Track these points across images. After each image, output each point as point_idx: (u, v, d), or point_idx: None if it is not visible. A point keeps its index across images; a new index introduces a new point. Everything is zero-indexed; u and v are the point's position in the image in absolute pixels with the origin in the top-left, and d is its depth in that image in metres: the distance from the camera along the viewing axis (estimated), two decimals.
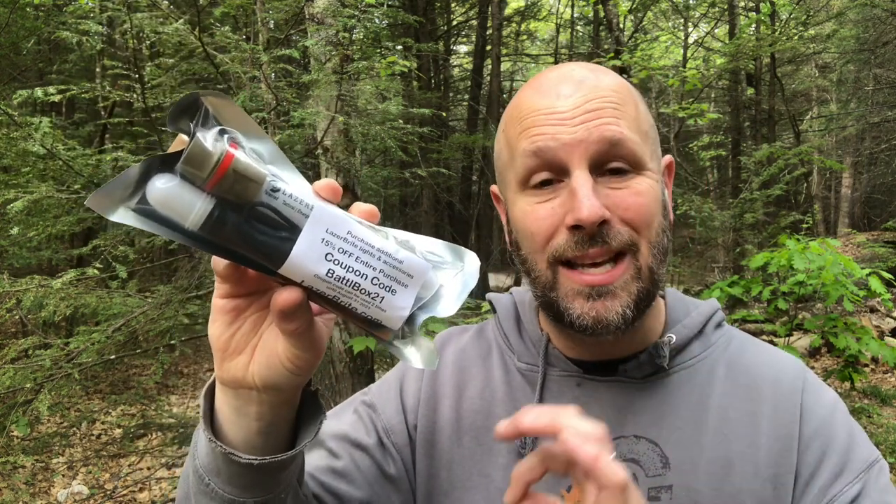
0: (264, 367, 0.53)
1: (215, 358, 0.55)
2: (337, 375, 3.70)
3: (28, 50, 7.45)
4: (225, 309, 0.54)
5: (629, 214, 0.67)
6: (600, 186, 0.67)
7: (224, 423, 0.58)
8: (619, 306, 0.67)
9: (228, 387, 0.56)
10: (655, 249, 0.69)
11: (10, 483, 4.24)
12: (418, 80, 9.87)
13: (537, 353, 0.79)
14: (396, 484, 0.78)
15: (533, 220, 0.70)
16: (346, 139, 3.59)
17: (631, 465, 0.71)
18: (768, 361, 0.78)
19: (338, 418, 0.83)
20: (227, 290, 0.53)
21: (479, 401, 0.79)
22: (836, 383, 5.81)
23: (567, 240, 0.67)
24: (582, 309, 0.67)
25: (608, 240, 0.66)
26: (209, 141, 0.45)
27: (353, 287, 0.49)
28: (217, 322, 0.54)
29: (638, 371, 0.74)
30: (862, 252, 10.67)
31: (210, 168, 0.45)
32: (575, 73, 0.71)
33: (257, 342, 0.54)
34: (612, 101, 0.69)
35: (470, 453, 0.77)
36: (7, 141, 2.72)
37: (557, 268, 0.69)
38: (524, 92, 0.74)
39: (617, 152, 0.67)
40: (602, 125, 0.67)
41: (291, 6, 3.88)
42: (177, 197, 0.45)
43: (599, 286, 0.67)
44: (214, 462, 0.57)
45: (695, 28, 16.45)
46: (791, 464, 0.70)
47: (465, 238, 13.40)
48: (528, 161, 0.69)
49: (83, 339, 2.95)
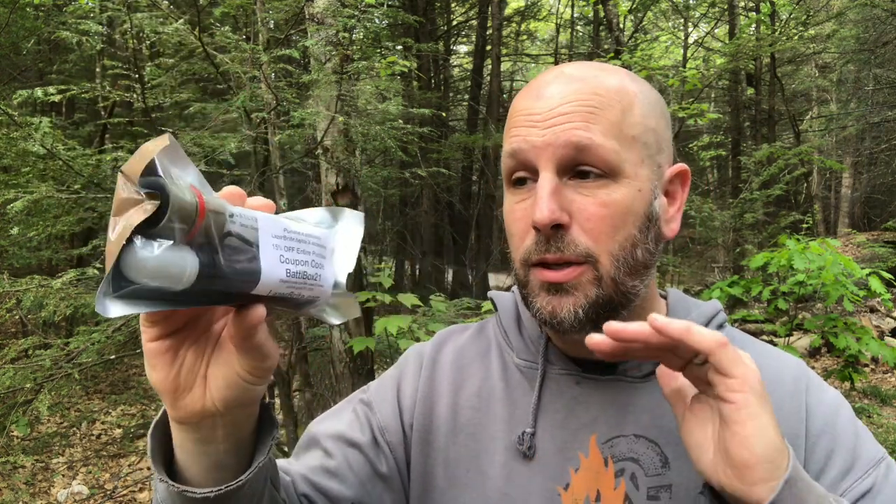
0: (223, 388, 0.53)
1: (166, 401, 0.54)
2: (337, 375, 3.70)
3: (28, 50, 7.45)
4: (161, 350, 0.51)
5: (590, 225, 0.67)
6: (568, 190, 0.67)
7: (188, 460, 0.57)
8: (571, 305, 0.67)
9: (188, 423, 0.54)
10: (619, 262, 0.68)
11: (10, 483, 4.24)
12: (418, 80, 9.87)
13: (536, 350, 0.79)
14: (388, 483, 0.78)
15: (512, 221, 0.72)
16: (346, 139, 3.59)
17: (630, 464, 0.71)
18: (770, 362, 0.78)
19: (337, 417, 0.83)
20: (158, 332, 0.51)
21: (477, 398, 0.79)
22: (836, 383, 5.81)
23: (532, 241, 0.68)
24: (541, 303, 0.69)
25: (562, 248, 0.66)
26: (181, 190, 0.42)
27: (303, 277, 0.51)
28: (157, 366, 0.52)
29: (637, 370, 0.75)
30: (862, 252, 10.68)
31: (193, 217, 0.42)
32: (566, 73, 0.71)
33: (205, 370, 0.53)
34: (591, 104, 0.67)
35: (466, 451, 0.77)
36: (7, 141, 2.72)
37: (528, 267, 0.70)
38: (521, 92, 0.74)
39: (584, 158, 0.67)
40: (569, 129, 0.66)
41: (291, 6, 3.88)
42: (170, 260, 0.41)
43: (555, 283, 0.68)
44: (171, 499, 0.57)
45: (695, 28, 16.46)
46: (800, 459, 0.70)
47: (465, 238, 13.40)
48: (508, 161, 0.71)
49: (83, 339, 2.95)
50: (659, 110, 0.73)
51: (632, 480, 0.71)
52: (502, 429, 0.76)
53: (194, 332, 0.53)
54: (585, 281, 0.67)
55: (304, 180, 6.15)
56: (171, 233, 0.42)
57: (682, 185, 0.75)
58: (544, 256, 0.67)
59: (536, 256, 0.68)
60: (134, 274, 0.41)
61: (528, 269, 0.70)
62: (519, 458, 0.74)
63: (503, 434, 0.76)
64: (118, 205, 0.42)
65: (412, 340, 3.05)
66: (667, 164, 0.73)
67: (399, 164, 8.72)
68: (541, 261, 0.68)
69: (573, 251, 0.66)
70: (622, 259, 0.68)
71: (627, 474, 0.71)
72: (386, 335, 3.41)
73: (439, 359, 0.85)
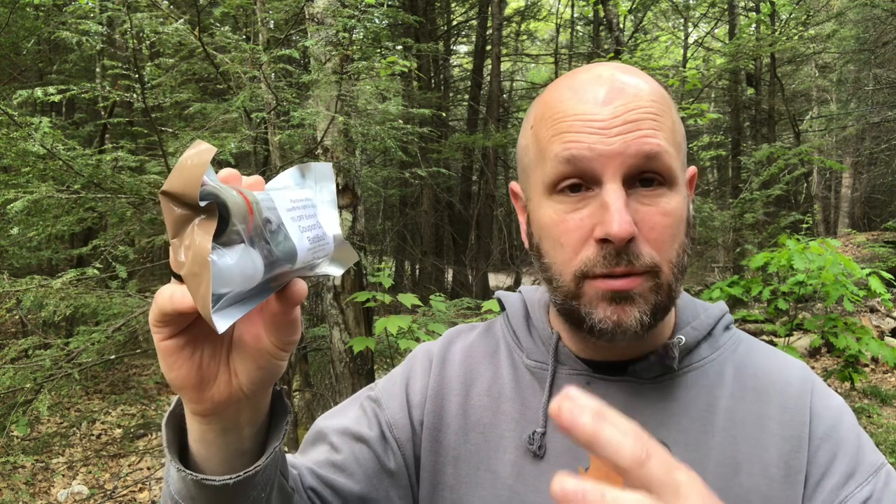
0: (253, 370, 0.53)
1: (188, 396, 0.53)
2: (337, 375, 3.70)
3: (28, 50, 7.46)
4: (178, 348, 0.50)
5: (654, 234, 0.66)
6: (631, 200, 0.66)
7: (207, 450, 0.57)
8: (637, 312, 0.67)
9: (213, 413, 0.54)
10: (676, 269, 0.69)
11: (10, 483, 4.24)
12: (418, 80, 9.87)
13: (547, 350, 0.79)
14: (395, 479, 0.78)
15: (563, 231, 0.68)
16: (346, 139, 3.59)
17: None
18: (776, 365, 0.78)
19: (343, 414, 0.84)
20: (171, 331, 0.50)
21: (487, 397, 0.79)
22: (836, 383, 5.81)
23: (595, 254, 0.66)
24: (605, 313, 0.67)
25: (633, 259, 0.66)
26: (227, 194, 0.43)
27: (319, 240, 0.52)
28: (176, 364, 0.51)
29: (647, 372, 0.75)
30: (862, 252, 10.68)
31: (247, 214, 0.43)
32: (616, 77, 0.69)
33: (227, 356, 0.53)
34: (652, 111, 0.67)
35: (476, 449, 0.77)
36: (7, 141, 2.72)
37: (584, 280, 0.68)
38: (559, 91, 0.71)
39: (652, 166, 0.66)
40: (640, 138, 0.65)
41: (291, 6, 3.88)
42: (246, 260, 0.43)
43: (622, 291, 0.66)
44: (187, 489, 0.56)
45: (695, 28, 16.45)
46: (801, 465, 0.70)
47: (465, 238, 13.40)
48: (561, 167, 0.68)
49: (83, 339, 2.95)
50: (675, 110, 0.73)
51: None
52: (513, 428, 0.76)
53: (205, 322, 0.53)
54: (647, 289, 0.67)
55: None
56: (238, 236, 0.43)
57: (691, 186, 0.76)
58: (613, 270, 0.66)
59: (603, 270, 0.66)
60: (222, 286, 0.42)
61: (583, 281, 0.68)
62: (529, 457, 0.74)
63: (513, 433, 0.76)
64: (173, 226, 0.42)
65: (412, 340, 3.05)
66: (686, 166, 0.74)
67: (399, 164, 8.72)
68: (608, 274, 0.66)
69: (641, 263, 0.66)
70: (677, 265, 0.69)
71: None
72: (386, 335, 3.41)
73: (449, 357, 0.85)
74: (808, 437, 0.71)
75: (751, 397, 0.74)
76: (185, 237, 0.42)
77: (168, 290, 0.47)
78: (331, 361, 3.78)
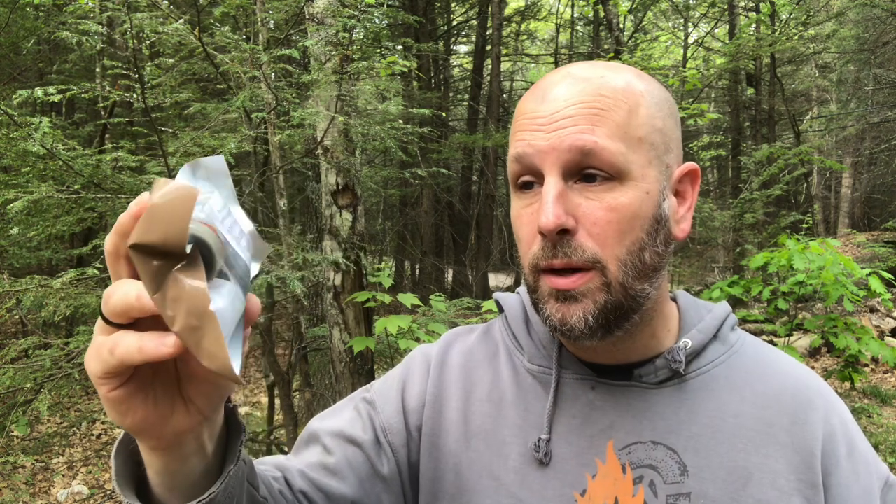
0: (212, 391, 0.50)
1: (146, 436, 0.50)
2: (337, 375, 3.70)
3: (28, 50, 7.46)
4: (127, 395, 0.46)
5: (596, 229, 0.66)
6: (574, 194, 0.66)
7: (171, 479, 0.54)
8: (580, 311, 0.66)
9: (172, 446, 0.51)
10: (627, 267, 0.67)
11: (10, 483, 4.24)
12: (418, 80, 9.87)
13: (548, 354, 0.78)
14: (388, 484, 0.77)
15: (520, 226, 0.70)
16: (346, 139, 3.59)
17: (649, 471, 0.70)
18: (784, 370, 0.77)
19: (337, 415, 0.82)
20: (118, 381, 0.46)
21: (488, 403, 0.78)
22: (836, 383, 5.81)
23: (539, 247, 0.67)
24: (551, 310, 0.68)
25: (569, 253, 0.65)
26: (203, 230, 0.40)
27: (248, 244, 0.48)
28: (130, 410, 0.47)
29: (653, 376, 0.73)
30: (862, 252, 10.68)
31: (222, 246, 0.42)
32: (572, 73, 0.69)
33: (179, 387, 0.51)
34: (595, 106, 0.66)
35: (478, 456, 0.76)
36: (7, 141, 2.72)
37: (538, 273, 0.69)
38: (528, 92, 0.73)
39: (589, 161, 0.65)
40: (575, 133, 0.65)
41: (291, 6, 3.88)
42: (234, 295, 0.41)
43: (564, 290, 0.67)
44: None
45: (695, 28, 16.45)
46: (814, 481, 0.70)
47: (465, 238, 13.40)
48: (513, 166, 0.70)
49: (83, 339, 2.95)
50: (667, 109, 0.71)
51: (650, 488, 0.70)
52: (516, 434, 0.75)
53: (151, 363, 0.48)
54: (594, 287, 0.66)
55: (304, 180, 6.15)
56: (223, 273, 0.41)
57: (692, 184, 0.74)
58: (552, 262, 0.66)
59: (544, 262, 0.67)
60: (226, 330, 0.40)
61: (538, 276, 0.69)
62: (534, 465, 0.73)
63: (517, 439, 0.75)
64: (152, 280, 0.38)
65: (412, 340, 3.05)
66: (675, 163, 0.72)
67: (399, 164, 8.72)
68: (549, 267, 0.67)
69: (580, 257, 0.65)
70: (630, 263, 0.67)
71: (646, 481, 0.70)
72: (386, 335, 3.41)
73: (447, 361, 0.83)
74: (820, 454, 0.71)
75: (761, 403, 0.73)
76: (168, 290, 0.38)
77: (128, 340, 0.42)
78: (331, 361, 3.78)
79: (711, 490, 0.69)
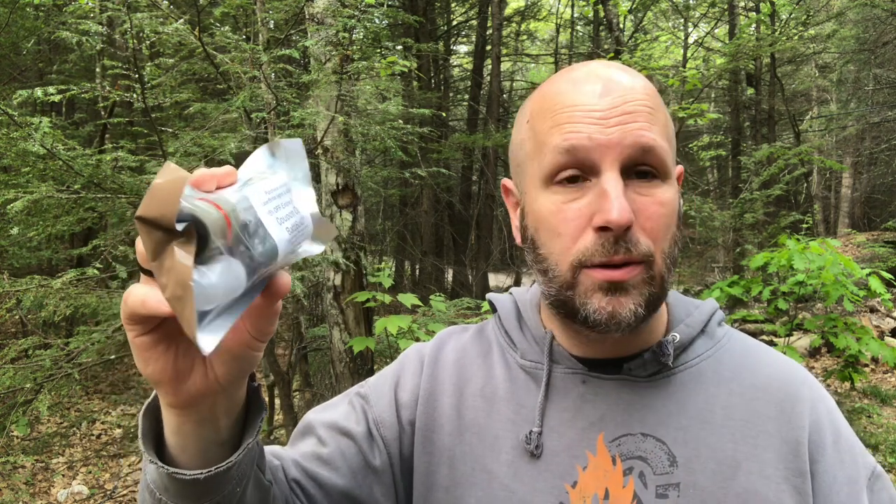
0: (229, 361, 0.53)
1: (164, 390, 0.53)
2: (337, 375, 3.70)
3: (28, 50, 7.46)
4: (152, 343, 0.50)
5: (650, 224, 0.67)
6: (628, 190, 0.67)
7: (183, 442, 0.57)
8: (632, 304, 0.67)
9: (189, 405, 0.54)
10: (668, 259, 0.70)
11: (10, 483, 4.24)
12: (418, 80, 9.87)
13: (541, 350, 0.79)
14: (379, 476, 0.78)
15: (561, 221, 0.69)
16: (346, 139, 3.59)
17: (639, 462, 0.71)
18: (771, 362, 0.79)
19: (332, 409, 0.84)
20: (143, 328, 0.50)
21: (481, 398, 0.79)
22: (836, 383, 5.81)
23: (594, 242, 0.67)
24: (599, 304, 0.67)
25: (631, 247, 0.66)
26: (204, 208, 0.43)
27: (297, 227, 0.51)
28: (151, 359, 0.51)
29: (643, 370, 0.75)
30: (862, 252, 10.68)
31: (225, 228, 0.44)
32: (611, 72, 0.71)
33: None
34: (647, 105, 0.68)
35: (471, 449, 0.77)
36: (7, 141, 2.72)
37: (580, 270, 0.69)
38: (557, 85, 0.72)
39: (648, 159, 0.67)
40: (637, 129, 0.66)
41: (291, 6, 3.88)
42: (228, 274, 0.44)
43: (618, 282, 0.67)
44: (161, 480, 0.57)
45: (695, 28, 16.45)
46: (802, 470, 0.71)
47: (465, 238, 13.40)
48: (560, 158, 0.68)
49: (83, 339, 2.95)
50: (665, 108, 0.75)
51: (640, 479, 0.71)
52: (508, 428, 0.76)
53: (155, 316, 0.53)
54: (641, 280, 0.68)
55: None
56: (218, 252, 0.44)
57: (678, 184, 0.77)
58: (612, 258, 0.66)
59: (601, 258, 0.67)
60: (206, 304, 0.43)
61: (579, 271, 0.69)
62: (526, 457, 0.74)
63: (509, 433, 0.76)
64: (153, 250, 0.43)
65: (412, 340, 3.05)
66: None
67: (399, 164, 8.72)
68: (607, 262, 0.67)
69: (638, 251, 0.66)
70: (669, 256, 0.70)
71: (636, 473, 0.71)
72: (386, 335, 3.41)
73: (441, 357, 0.85)
74: (807, 443, 0.72)
75: (748, 395, 0.75)
76: (164, 259, 0.43)
77: (140, 292, 0.47)
78: (331, 361, 3.78)
79: (700, 480, 0.70)
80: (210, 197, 0.45)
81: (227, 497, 0.59)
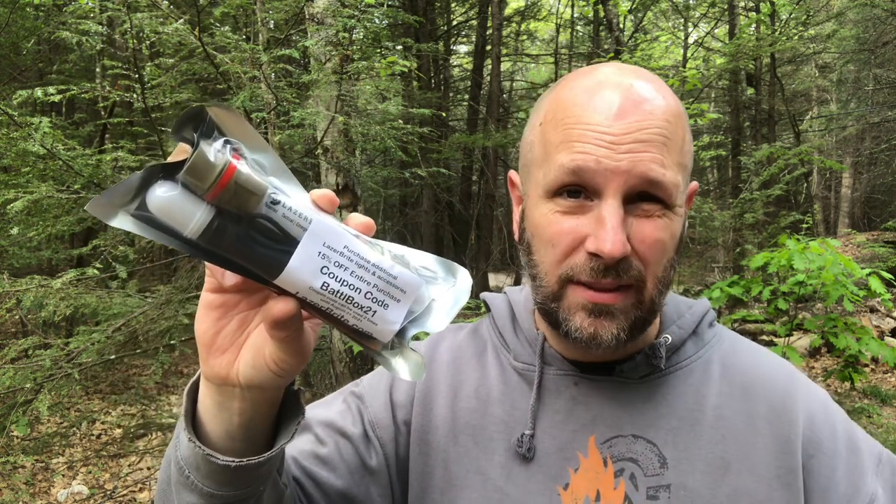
0: (250, 366, 0.54)
1: (200, 353, 0.55)
2: (337, 375, 3.70)
3: (28, 50, 7.45)
4: (214, 304, 0.54)
5: (643, 248, 0.67)
6: (627, 215, 0.66)
7: (206, 417, 0.58)
8: (615, 328, 0.67)
9: (212, 382, 0.56)
10: (660, 284, 0.69)
11: (10, 483, 4.24)
12: (418, 80, 9.87)
13: (534, 352, 0.79)
14: (376, 477, 0.78)
15: (556, 233, 0.68)
16: (346, 139, 3.59)
17: (629, 464, 0.72)
18: (761, 362, 0.79)
19: (327, 406, 0.84)
20: (217, 284, 0.53)
21: (475, 400, 0.79)
22: (836, 383, 5.81)
23: (584, 263, 0.66)
24: (581, 323, 0.68)
25: (621, 272, 0.66)
26: (212, 152, 0.46)
27: (347, 300, 0.50)
28: (205, 318, 0.54)
29: (634, 372, 0.75)
30: (862, 252, 10.67)
31: (212, 179, 0.46)
32: (635, 88, 0.67)
33: (244, 341, 0.54)
34: (665, 133, 0.66)
35: (466, 451, 0.77)
36: (7, 141, 2.72)
37: (567, 285, 0.69)
38: (574, 93, 0.70)
39: (653, 191, 0.66)
40: (648, 161, 0.64)
41: (291, 6, 3.88)
42: (177, 206, 0.46)
43: (602, 304, 0.67)
44: (194, 458, 0.58)
45: (695, 28, 16.45)
46: (794, 466, 0.71)
47: (465, 238, 13.40)
48: (565, 177, 0.67)
49: (83, 339, 2.95)
50: (688, 127, 0.72)
51: (631, 480, 0.71)
52: (502, 430, 0.76)
53: (249, 300, 0.54)
54: (629, 304, 0.68)
55: (304, 180, 6.16)
56: (189, 185, 0.46)
57: (689, 202, 0.76)
58: (600, 281, 0.66)
59: (588, 278, 0.66)
60: (147, 203, 0.46)
61: (566, 285, 0.68)
62: (518, 460, 0.74)
63: (502, 435, 0.76)
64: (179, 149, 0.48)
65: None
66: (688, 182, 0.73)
67: (399, 164, 8.72)
68: (595, 285, 0.67)
69: (630, 276, 0.66)
70: (662, 280, 0.69)
71: (627, 474, 0.71)
72: None
73: (435, 357, 0.85)
74: (799, 438, 0.72)
75: (738, 395, 0.75)
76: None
77: None
78: (331, 361, 3.78)
79: (690, 482, 0.70)
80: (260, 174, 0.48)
81: (251, 493, 0.60)
